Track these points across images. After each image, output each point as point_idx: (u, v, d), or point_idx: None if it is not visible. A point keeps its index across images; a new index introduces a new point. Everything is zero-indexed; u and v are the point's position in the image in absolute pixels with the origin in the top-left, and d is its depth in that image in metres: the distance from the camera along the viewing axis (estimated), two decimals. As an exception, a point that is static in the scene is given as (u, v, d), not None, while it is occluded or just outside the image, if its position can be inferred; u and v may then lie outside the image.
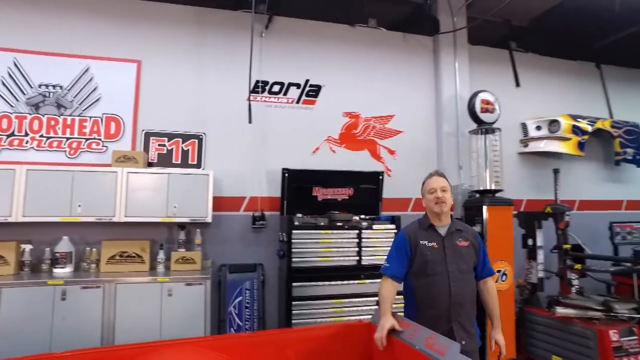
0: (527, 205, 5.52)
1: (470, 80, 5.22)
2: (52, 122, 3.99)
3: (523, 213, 4.96)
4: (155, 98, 4.23)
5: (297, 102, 4.61)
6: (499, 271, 4.32)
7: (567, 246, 4.66)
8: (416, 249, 2.30)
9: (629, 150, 5.98)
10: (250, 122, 4.23)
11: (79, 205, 3.59)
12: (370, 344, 2.27)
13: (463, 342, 2.11)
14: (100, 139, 4.08)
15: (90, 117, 4.09)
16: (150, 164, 4.11)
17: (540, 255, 4.70)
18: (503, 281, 4.34)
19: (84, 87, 4.11)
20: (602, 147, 6.12)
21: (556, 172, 4.90)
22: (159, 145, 4.19)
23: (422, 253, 2.28)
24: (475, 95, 4.68)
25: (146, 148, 4.16)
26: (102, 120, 4.11)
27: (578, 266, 4.64)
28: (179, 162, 4.20)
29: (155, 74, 4.26)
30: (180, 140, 4.23)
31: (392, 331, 2.09)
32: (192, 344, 2.08)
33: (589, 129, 5.66)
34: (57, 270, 3.58)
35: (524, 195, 5.58)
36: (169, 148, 4.20)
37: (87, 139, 4.05)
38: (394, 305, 2.23)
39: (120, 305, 3.34)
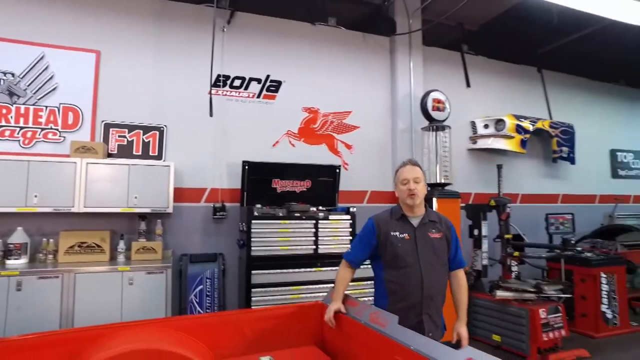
0: (475, 198, 5.90)
1: (424, 80, 5.52)
2: (4, 111, 3.90)
3: (470, 205, 5.33)
4: (115, 89, 4.22)
5: (258, 96, 4.73)
6: (445, 258, 4.65)
7: (509, 236, 5.07)
8: (386, 240, 2.23)
9: (565, 149, 6.52)
10: (211, 115, 4.31)
11: (35, 196, 3.56)
12: (322, 322, 2.47)
13: (430, 334, 2.09)
14: (57, 129, 4.04)
15: (47, 107, 4.03)
16: (110, 155, 4.11)
17: (485, 244, 5.08)
18: (449, 268, 4.67)
19: (38, 75, 4.04)
20: (541, 145, 6.63)
21: (499, 167, 5.30)
22: (119, 136, 4.20)
23: (392, 244, 2.21)
24: (427, 94, 4.98)
25: (106, 139, 4.15)
26: (59, 110, 4.07)
27: (516, 254, 5.07)
28: (140, 153, 4.22)
29: (116, 65, 4.24)
30: (141, 131, 4.25)
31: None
32: (153, 323, 2.20)
33: (531, 128, 6.13)
34: (11, 262, 3.52)
35: (473, 189, 5.97)
36: (130, 139, 4.22)
37: (42, 129, 4.00)
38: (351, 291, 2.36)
39: (80, 294, 3.37)
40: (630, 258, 5.59)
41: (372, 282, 4.22)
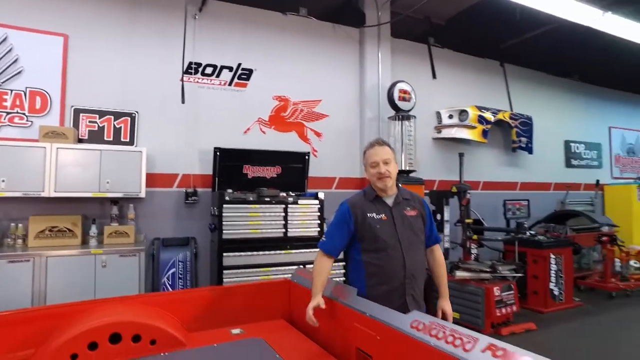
0: (439, 185, 6.20)
1: (391, 71, 5.72)
2: (-35, 94, 3.84)
3: (433, 191, 5.62)
4: (84, 74, 4.20)
5: (230, 84, 4.80)
6: (409, 241, 4.92)
7: (469, 220, 5.39)
8: (364, 222, 2.14)
9: (523, 139, 6.91)
10: (183, 102, 4.38)
11: (3, 180, 3.56)
12: (290, 297, 2.65)
13: None
14: (24, 114, 4.01)
15: (12, 90, 3.98)
16: (80, 140, 4.11)
17: (447, 228, 5.38)
18: (413, 250, 4.95)
19: (1, 57, 3.97)
20: (502, 135, 6.99)
21: (461, 156, 5.60)
22: (90, 122, 4.20)
23: (371, 226, 2.12)
24: (394, 85, 5.19)
25: (76, 124, 4.15)
26: (25, 94, 4.03)
27: (475, 237, 5.41)
28: (111, 139, 4.25)
29: (84, 49, 4.21)
30: (112, 117, 4.27)
31: None
32: (128, 299, 2.32)
33: (492, 119, 6.46)
34: (-23, 246, 3.54)
35: (438, 176, 6.26)
36: (101, 125, 4.23)
37: (8, 113, 3.96)
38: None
39: (52, 277, 3.42)
40: (578, 241, 6.04)
41: (339, 263, 4.45)
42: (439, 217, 5.45)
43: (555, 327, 4.89)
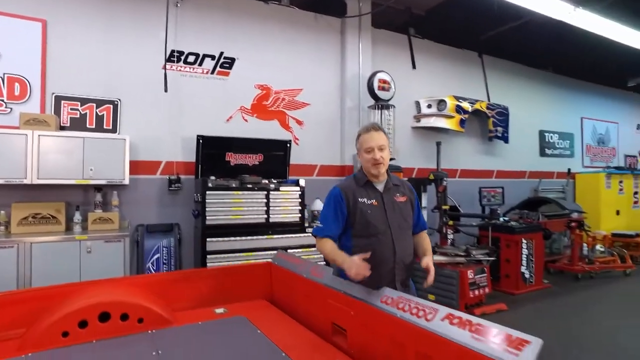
0: (418, 173, 6.39)
1: (372, 61, 5.84)
2: (-62, 79, 3.80)
3: (412, 179, 5.80)
4: (64, 61, 4.18)
5: (212, 72, 4.85)
6: (387, 227, 5.10)
7: (445, 207, 5.60)
8: (355, 207, 2.14)
9: (500, 128, 7.14)
10: (166, 90, 4.42)
11: (-16, 168, 3.57)
12: (271, 278, 2.79)
13: None
14: (2, 100, 3.98)
15: (-11, 77, 3.96)
16: (62, 128, 4.12)
17: (424, 215, 5.57)
18: (391, 235, 5.14)
19: (-23, 43, 3.93)
20: (479, 125, 7.21)
21: (438, 144, 5.79)
22: (72, 109, 4.21)
23: (362, 211, 2.13)
24: (374, 75, 5.31)
25: (57, 111, 4.15)
26: (3, 80, 4.00)
27: (451, 223, 5.63)
28: (94, 126, 4.26)
29: (64, 36, 4.18)
30: (95, 105, 4.28)
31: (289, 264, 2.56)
32: (115, 281, 2.42)
33: (470, 109, 6.66)
34: (-41, 234, 3.56)
35: (416, 164, 6.45)
36: (83, 112, 4.24)
37: (-14, 100, 3.94)
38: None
39: (37, 263, 3.47)
40: (549, 226, 6.33)
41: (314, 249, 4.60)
42: (417, 203, 5.64)
43: (524, 308, 5.17)
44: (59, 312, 2.00)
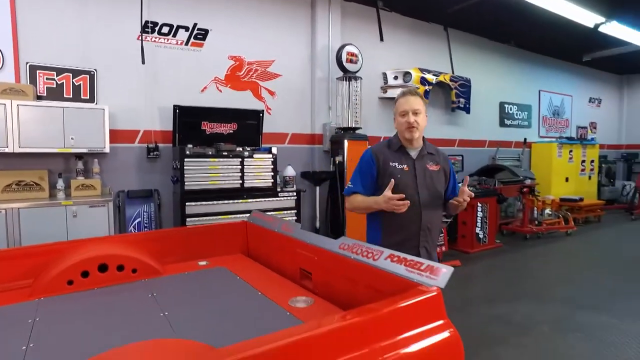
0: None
1: (341, 33, 6.06)
2: None
3: (378, 147, 6.19)
4: (37, 30, 4.20)
5: (186, 44, 4.98)
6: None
7: (408, 173, 6.05)
8: (385, 171, 2.17)
9: (462, 100, 7.57)
10: (143, 62, 4.57)
11: (-36, 136, 3.68)
12: (247, 235, 3.14)
13: None
14: (-26, 69, 4.05)
15: (-41, 45, 3.98)
16: (39, 97, 4.23)
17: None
18: (357, 199, 5.56)
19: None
20: (442, 96, 7.61)
21: (403, 115, 6.14)
22: (47, 78, 4.30)
23: (391, 175, 2.14)
24: (342, 47, 5.56)
25: (33, 81, 4.23)
26: (-27, 49, 4.04)
27: (413, 187, 6.09)
28: (71, 96, 4.37)
29: (34, 4, 4.18)
30: (71, 75, 4.38)
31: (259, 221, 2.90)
32: (107, 239, 2.72)
33: (434, 80, 7.02)
34: (-55, 200, 3.71)
35: (383, 133, 6.80)
36: (59, 82, 4.34)
37: (-43, 68, 3.98)
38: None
39: (25, 227, 3.68)
40: (503, 192, 6.92)
41: (291, 211, 4.96)
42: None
43: (477, 264, 5.78)
44: (64, 263, 2.29)
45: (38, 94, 4.24)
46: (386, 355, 1.30)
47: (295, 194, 5.07)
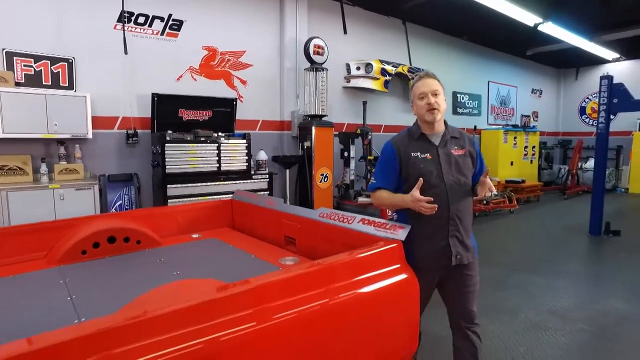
0: (347, 127, 7.25)
1: (308, 26, 6.44)
2: None
3: (342, 133, 6.68)
4: (13, 16, 4.26)
5: (162, 34, 5.19)
6: (322, 174, 6.00)
7: (370, 157, 6.57)
8: (407, 162, 2.09)
9: (418, 89, 8.16)
10: (126, 53, 4.77)
11: (-54, 122, 3.79)
12: (233, 211, 3.53)
13: (458, 256, 2.09)
14: (-50, 55, 4.11)
15: None
16: (17, 84, 4.33)
17: (352, 164, 6.53)
18: (325, 182, 6.04)
19: None
20: (400, 86, 8.17)
21: (364, 103, 6.68)
22: (25, 65, 4.41)
23: (414, 166, 2.07)
24: (309, 40, 5.95)
25: (10, 68, 4.32)
26: (-54, 34, 4.09)
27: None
28: (50, 83, 4.50)
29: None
30: (49, 62, 4.50)
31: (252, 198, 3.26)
32: (111, 215, 3.03)
33: (393, 71, 7.56)
34: None
35: (346, 120, 7.30)
36: (37, 69, 4.46)
37: None
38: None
39: (14, 210, 3.85)
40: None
41: (264, 192, 5.33)
42: (346, 154, 6.57)
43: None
44: (77, 236, 2.61)
45: (17, 80, 4.35)
46: (364, 288, 1.78)
47: (267, 176, 5.48)
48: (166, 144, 4.62)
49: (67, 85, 4.62)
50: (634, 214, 8.47)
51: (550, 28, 7.89)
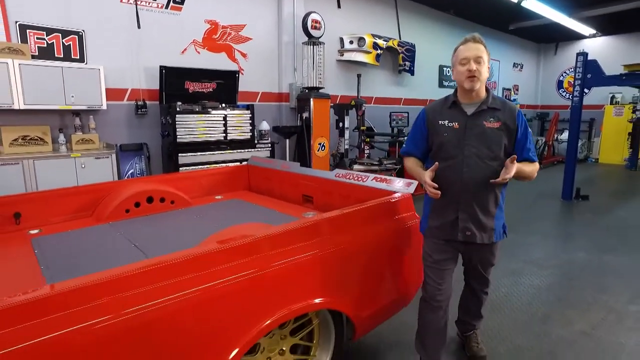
0: (341, 99, 7.58)
1: (305, 1, 6.64)
2: None
3: (337, 104, 7.01)
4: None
5: (166, 7, 5.35)
6: (320, 144, 6.37)
7: (363, 128, 6.97)
8: (434, 129, 2.07)
9: (407, 63, 8.52)
10: (139, 27, 4.98)
11: (-33, 94, 3.97)
12: (249, 174, 3.90)
13: (468, 233, 2.05)
14: (-34, 27, 4.24)
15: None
16: (32, 57, 4.50)
17: (347, 134, 6.91)
18: (322, 151, 6.43)
19: None
20: (391, 59, 8.50)
21: (359, 76, 7.00)
22: (38, 38, 4.56)
23: (438, 133, 2.05)
24: (307, 15, 6.19)
25: (23, 41, 4.48)
26: (-40, 6, 4.21)
27: (368, 140, 7.05)
28: (62, 56, 4.68)
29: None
30: (60, 35, 4.66)
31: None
32: (143, 179, 3.36)
33: (384, 45, 7.86)
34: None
35: (340, 92, 7.62)
36: (49, 42, 4.62)
37: (-54, 26, 4.15)
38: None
39: (41, 177, 4.13)
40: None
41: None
42: (340, 124, 6.92)
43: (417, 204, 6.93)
44: (121, 196, 2.95)
45: (31, 53, 4.51)
46: (384, 227, 2.20)
47: (270, 145, 5.82)
48: (177, 115, 4.89)
49: (78, 57, 4.80)
50: (602, 181, 9.18)
51: (533, 4, 8.26)
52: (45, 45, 4.62)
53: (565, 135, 10.88)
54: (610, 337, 2.75)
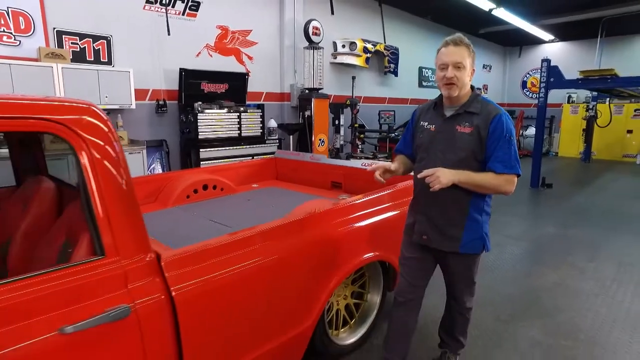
0: (334, 99, 8.22)
1: (303, 8, 7.24)
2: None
3: (333, 104, 7.66)
4: (58, -2, 4.80)
5: (183, 14, 5.83)
6: (320, 139, 7.01)
7: (356, 125, 7.66)
8: (417, 129, 2.09)
9: (392, 65, 9.27)
10: (169, 34, 5.46)
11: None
12: (276, 165, 4.49)
13: (424, 237, 2.03)
14: (11, 33, 4.59)
15: (-5, 9, 4.46)
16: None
17: (342, 130, 7.57)
18: (322, 146, 7.07)
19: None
20: (378, 62, 9.23)
21: (353, 78, 7.70)
22: (72, 43, 4.96)
23: (418, 134, 2.08)
24: (309, 22, 6.80)
25: (59, 45, 4.87)
26: (8, 13, 4.56)
27: (361, 136, 7.75)
28: (92, 59, 5.10)
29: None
30: (91, 40, 5.07)
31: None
32: (192, 170, 3.90)
33: (372, 49, 8.57)
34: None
35: (333, 92, 8.26)
36: (82, 46, 5.03)
37: (-3, 31, 4.49)
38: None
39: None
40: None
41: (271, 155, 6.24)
42: (336, 122, 7.58)
43: (406, 192, 7.69)
44: (182, 185, 3.49)
45: (64, 57, 4.91)
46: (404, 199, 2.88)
47: (277, 141, 6.41)
48: (199, 114, 5.41)
49: (106, 61, 5.23)
50: (562, 172, 10.29)
51: (502, 12, 9.20)
52: (78, 50, 5.02)
53: (530, 131, 11.98)
54: (575, 284, 3.62)
